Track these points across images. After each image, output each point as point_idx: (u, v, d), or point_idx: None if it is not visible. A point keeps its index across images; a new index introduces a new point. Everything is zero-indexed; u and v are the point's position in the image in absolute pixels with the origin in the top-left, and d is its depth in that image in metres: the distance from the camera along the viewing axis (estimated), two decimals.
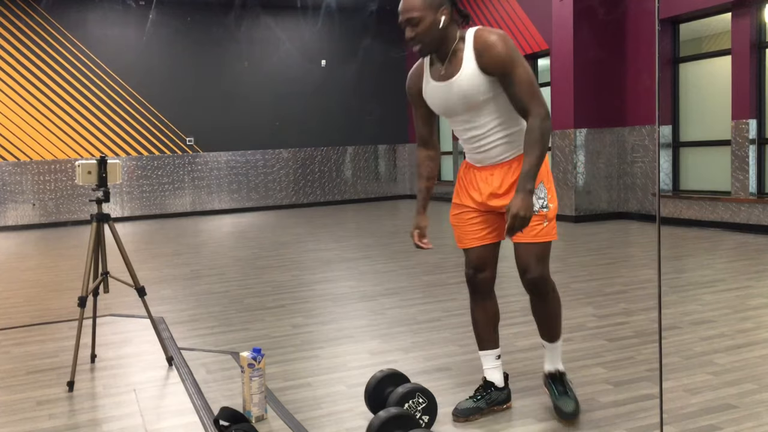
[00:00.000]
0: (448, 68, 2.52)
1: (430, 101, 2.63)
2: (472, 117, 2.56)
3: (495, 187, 2.63)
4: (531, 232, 2.57)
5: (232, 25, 12.79)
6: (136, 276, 3.50)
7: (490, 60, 2.44)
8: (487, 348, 2.81)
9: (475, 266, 2.75)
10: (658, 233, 2.01)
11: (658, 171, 1.92)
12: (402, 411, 2.40)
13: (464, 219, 2.74)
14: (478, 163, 2.69)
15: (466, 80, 2.48)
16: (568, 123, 9.07)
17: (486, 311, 2.81)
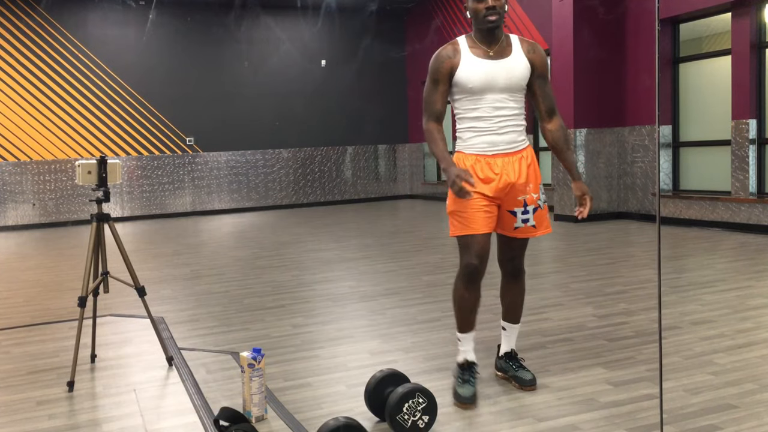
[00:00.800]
0: (499, 51, 2.84)
1: (467, 74, 2.81)
2: (508, 96, 2.84)
3: (514, 177, 2.85)
4: (543, 223, 2.95)
5: (232, 25, 12.80)
6: (136, 276, 3.50)
7: (539, 58, 2.89)
8: (470, 330, 3.00)
9: (480, 255, 2.89)
10: (658, 233, 2.01)
11: (658, 171, 1.92)
12: (350, 421, 2.39)
13: (476, 205, 2.84)
14: (490, 149, 2.85)
15: (517, 63, 2.85)
16: (568, 123, 9.07)
17: (476, 298, 2.97)
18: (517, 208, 2.90)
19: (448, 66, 2.83)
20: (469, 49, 2.84)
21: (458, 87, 2.85)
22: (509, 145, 2.86)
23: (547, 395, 2.90)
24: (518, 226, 2.94)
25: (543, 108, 2.94)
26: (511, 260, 3.00)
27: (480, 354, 3.51)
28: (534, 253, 6.86)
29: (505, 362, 3.06)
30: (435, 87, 2.87)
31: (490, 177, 2.84)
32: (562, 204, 9.25)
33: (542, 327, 3.97)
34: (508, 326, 3.10)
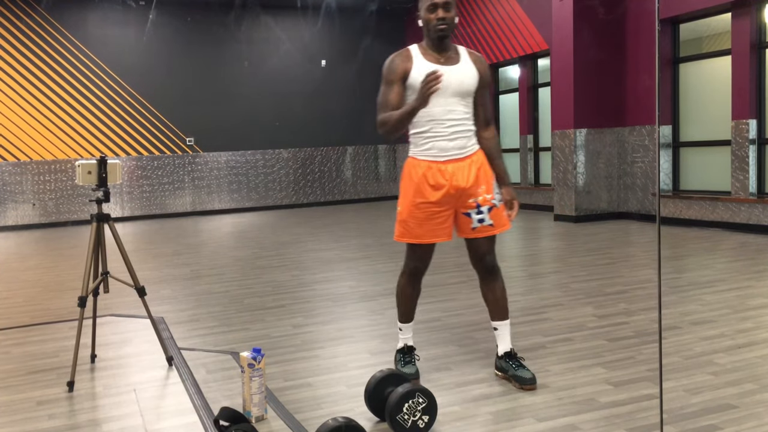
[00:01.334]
0: (449, 58, 3.01)
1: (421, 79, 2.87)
2: (458, 101, 3.00)
3: (464, 182, 3.00)
4: (501, 221, 3.10)
5: (232, 25, 12.79)
6: (136, 276, 3.50)
7: (485, 69, 3.10)
8: (410, 320, 3.27)
9: (423, 260, 3.14)
10: (658, 233, 2.01)
11: (658, 171, 1.92)
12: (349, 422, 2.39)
13: (428, 214, 3.02)
14: (441, 155, 3.00)
15: (467, 70, 3.02)
16: (568, 123, 9.07)
17: (417, 292, 3.25)
18: (470, 210, 3.05)
19: (402, 69, 2.99)
20: (421, 56, 3.02)
21: (412, 90, 2.97)
22: (459, 151, 3.02)
23: (547, 395, 2.90)
24: (475, 227, 3.07)
25: (482, 117, 3.14)
26: (482, 260, 3.13)
27: (480, 354, 3.51)
28: (534, 253, 6.86)
29: (505, 362, 3.11)
30: (390, 88, 3.01)
31: (440, 183, 3.00)
32: (562, 204, 9.25)
33: (542, 327, 3.97)
34: (498, 325, 3.18)
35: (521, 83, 11.09)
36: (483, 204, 3.03)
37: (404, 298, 3.22)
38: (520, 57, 10.91)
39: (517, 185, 11.29)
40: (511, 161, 11.75)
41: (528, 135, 11.03)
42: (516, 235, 8.44)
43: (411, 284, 3.20)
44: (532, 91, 10.99)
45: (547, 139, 10.63)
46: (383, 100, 3.02)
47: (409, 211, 3.02)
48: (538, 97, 10.96)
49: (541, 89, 10.82)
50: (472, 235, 3.08)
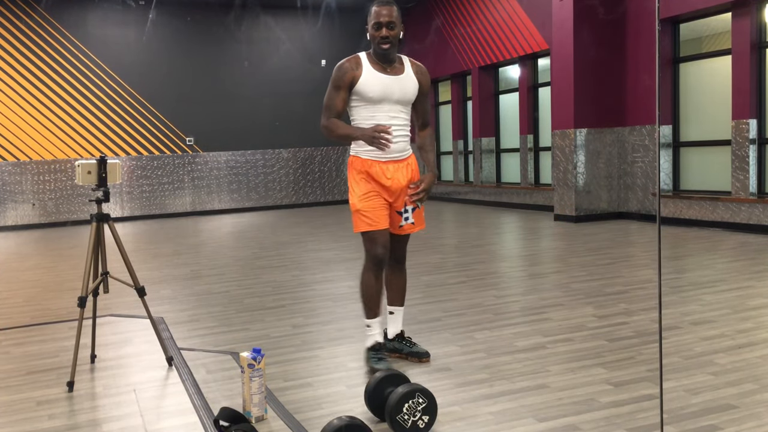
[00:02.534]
0: (394, 69, 3.31)
1: (367, 85, 3.24)
2: (401, 108, 3.31)
3: (403, 181, 3.31)
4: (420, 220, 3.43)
5: (232, 25, 12.79)
6: (136, 276, 3.50)
7: (426, 79, 3.42)
8: (377, 316, 3.36)
9: (384, 245, 3.31)
10: (659, 233, 2.01)
11: (658, 171, 1.92)
12: (354, 421, 2.39)
13: (379, 204, 3.29)
14: (384, 155, 3.26)
15: (409, 80, 3.33)
16: (568, 123, 9.07)
17: (381, 285, 3.38)
18: (401, 209, 3.37)
19: (350, 76, 3.26)
20: (369, 64, 3.29)
21: (358, 96, 3.27)
22: (399, 153, 3.31)
23: (547, 395, 2.89)
24: (402, 225, 3.39)
25: (420, 121, 3.52)
26: (398, 251, 3.46)
27: (480, 354, 3.51)
28: (534, 253, 6.86)
29: (399, 342, 3.46)
30: (337, 92, 3.28)
31: (385, 180, 3.28)
32: (562, 204, 9.25)
33: (542, 327, 3.97)
34: (396, 309, 3.51)
35: (521, 83, 11.09)
36: (409, 205, 3.38)
37: (371, 293, 3.34)
38: (520, 57, 10.91)
39: (517, 185, 11.30)
40: (511, 161, 11.75)
41: (528, 135, 11.02)
42: (516, 235, 8.44)
43: (376, 277, 3.34)
44: (532, 90, 10.98)
45: (547, 139, 10.63)
46: (329, 103, 3.29)
47: (364, 201, 3.28)
48: (538, 97, 10.96)
49: (542, 89, 10.82)
50: (398, 231, 3.40)
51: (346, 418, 2.40)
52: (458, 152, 13.06)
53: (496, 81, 12.02)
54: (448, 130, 13.64)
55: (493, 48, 11.46)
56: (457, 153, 13.08)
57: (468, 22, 12.09)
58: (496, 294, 4.91)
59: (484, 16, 11.64)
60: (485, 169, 12.13)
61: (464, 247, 7.31)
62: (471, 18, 11.99)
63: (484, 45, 11.69)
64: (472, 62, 12.06)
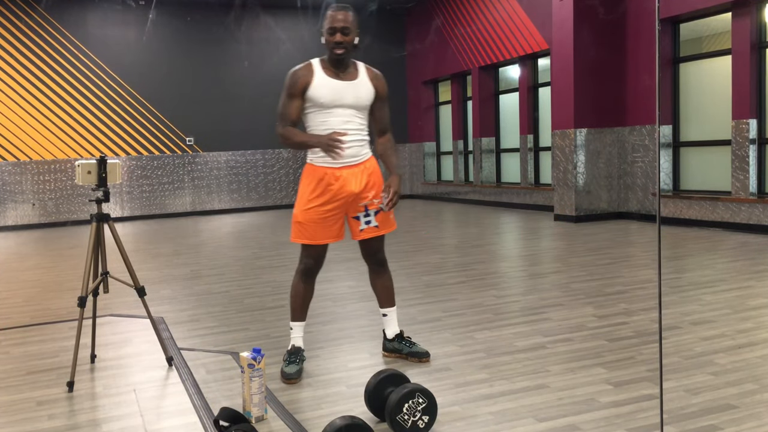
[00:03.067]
0: (348, 74, 3.27)
1: (319, 91, 3.21)
2: (355, 113, 3.27)
3: (356, 187, 3.26)
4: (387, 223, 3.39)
5: (232, 25, 12.79)
6: (136, 276, 3.50)
7: (381, 85, 3.37)
8: (302, 320, 3.44)
9: (317, 259, 3.37)
10: (659, 233, 2.01)
11: (658, 171, 1.92)
12: (356, 420, 2.39)
13: (322, 217, 3.28)
14: (336, 162, 3.21)
15: (363, 85, 3.30)
16: (568, 123, 9.07)
17: (311, 290, 3.44)
18: (359, 213, 3.33)
19: (303, 83, 3.22)
20: (322, 70, 3.26)
21: (311, 102, 3.23)
22: (353, 158, 3.26)
23: (547, 395, 2.89)
24: (362, 229, 3.37)
25: (378, 127, 3.44)
26: (373, 255, 3.45)
27: (480, 354, 3.51)
28: (534, 253, 6.86)
29: (398, 343, 3.45)
30: (290, 100, 3.27)
31: (335, 189, 3.25)
32: (562, 204, 9.25)
33: (542, 327, 3.97)
34: (388, 311, 3.49)
35: (521, 83, 11.09)
36: (371, 207, 3.32)
37: (297, 296, 3.39)
38: (520, 57, 10.91)
39: (517, 185, 11.30)
40: (511, 161, 11.75)
41: (528, 135, 11.02)
42: (516, 235, 8.44)
43: (304, 282, 3.39)
44: (533, 90, 10.99)
45: (547, 139, 10.63)
46: (284, 111, 3.28)
47: (305, 214, 3.27)
48: (538, 97, 10.96)
49: (542, 89, 10.82)
50: (359, 236, 3.38)
51: (348, 417, 2.40)
52: (458, 152, 13.06)
53: (496, 81, 12.02)
54: (448, 130, 13.64)
55: (493, 48, 11.46)
56: (457, 153, 13.07)
57: (468, 22, 12.09)
58: (496, 294, 4.91)
59: (484, 16, 11.64)
60: (485, 169, 12.13)
61: (464, 247, 7.30)
62: (471, 18, 11.99)
63: (484, 45, 11.69)
64: (472, 62, 12.06)
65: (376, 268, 3.49)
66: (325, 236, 3.31)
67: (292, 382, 3.18)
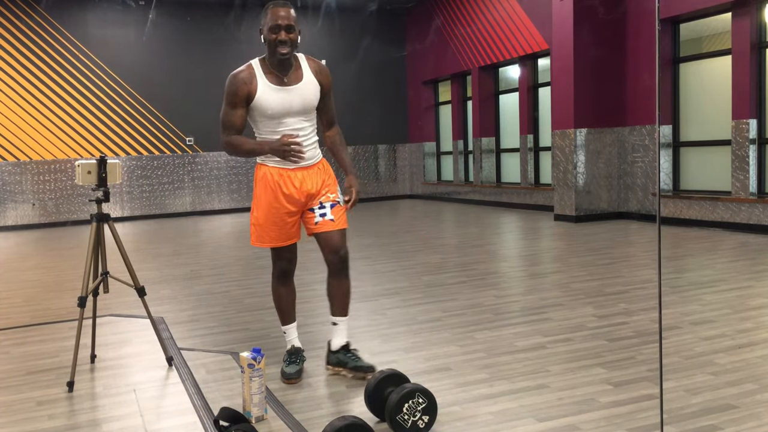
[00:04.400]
0: (291, 77, 3.09)
1: (265, 102, 3.04)
2: (303, 118, 3.14)
3: (313, 188, 3.17)
4: (342, 219, 3.23)
5: (232, 25, 12.79)
6: (136, 276, 3.50)
7: (326, 78, 3.21)
8: (292, 322, 3.37)
9: (290, 259, 3.29)
10: (659, 233, 2.01)
11: (658, 171, 1.92)
12: (356, 420, 2.39)
13: (283, 220, 3.18)
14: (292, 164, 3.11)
15: (309, 87, 3.12)
16: (568, 123, 9.07)
17: (292, 291, 3.36)
18: (314, 206, 3.21)
19: (245, 91, 3.03)
20: (264, 76, 3.06)
21: (257, 112, 3.08)
22: (307, 161, 3.16)
23: (547, 395, 2.89)
24: (318, 221, 3.19)
25: (325, 121, 3.32)
26: (336, 252, 3.19)
27: (480, 354, 3.50)
28: (534, 253, 6.86)
29: (343, 355, 3.24)
30: (233, 110, 3.07)
31: (292, 190, 3.15)
32: (562, 204, 9.25)
33: (542, 327, 3.97)
34: (339, 320, 3.27)
35: (521, 83, 11.09)
36: (326, 201, 3.20)
37: (281, 300, 3.33)
38: (520, 57, 10.91)
39: (517, 185, 11.30)
40: (511, 161, 11.75)
41: (528, 135, 11.02)
42: (516, 235, 8.44)
43: (283, 284, 3.32)
44: (532, 90, 10.99)
45: (547, 139, 10.63)
46: (227, 120, 3.08)
47: (266, 216, 3.16)
48: (538, 97, 10.96)
49: (542, 89, 10.82)
50: (316, 229, 3.19)
51: (348, 417, 2.40)
52: (458, 152, 13.06)
53: (496, 81, 12.02)
54: (448, 130, 13.64)
55: (493, 48, 11.46)
56: (457, 153, 13.07)
57: (468, 22, 12.09)
58: (496, 294, 4.91)
59: (484, 16, 11.64)
60: (485, 169, 12.13)
61: (464, 247, 7.30)
62: (471, 18, 11.99)
63: (484, 45, 11.69)
64: (472, 62, 12.06)
65: (338, 267, 3.20)
66: (286, 237, 3.22)
67: (292, 382, 3.16)
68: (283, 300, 3.34)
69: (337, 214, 3.21)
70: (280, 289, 3.34)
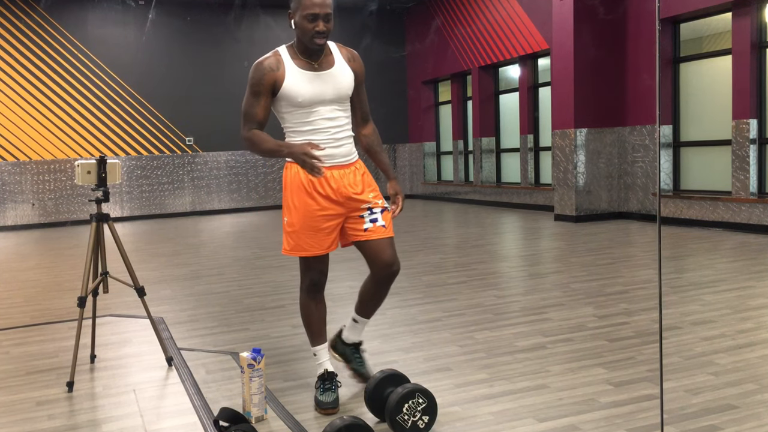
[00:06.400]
0: (323, 63, 2.81)
1: (295, 88, 2.76)
2: (338, 107, 2.84)
3: (352, 189, 2.84)
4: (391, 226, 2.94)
5: (232, 25, 12.79)
6: (136, 276, 3.50)
7: (359, 66, 2.94)
8: (323, 342, 2.98)
9: (321, 271, 2.93)
10: (659, 233, 2.01)
11: (658, 171, 1.92)
12: (356, 420, 2.39)
13: (320, 225, 2.83)
14: (328, 161, 2.78)
15: (342, 73, 2.84)
16: (568, 123, 9.07)
17: (323, 307, 2.99)
18: (363, 212, 2.88)
19: (271, 78, 2.78)
20: (292, 61, 2.80)
21: (286, 101, 2.80)
22: (345, 158, 2.87)
23: (547, 395, 2.89)
24: (368, 227, 2.87)
25: (359, 114, 3.02)
26: (389, 267, 2.87)
27: (480, 354, 3.50)
28: (534, 253, 6.86)
29: (352, 353, 3.12)
30: (257, 99, 2.82)
31: (328, 191, 2.82)
32: (562, 204, 9.25)
33: (542, 327, 3.96)
34: (360, 320, 3.07)
35: (521, 83, 11.09)
36: (375, 207, 2.90)
37: (309, 316, 2.95)
38: (521, 57, 10.91)
39: (517, 185, 11.30)
40: (511, 161, 11.75)
41: (528, 135, 11.02)
42: (516, 235, 8.44)
43: (314, 300, 2.95)
44: (533, 90, 10.98)
45: (548, 139, 10.63)
46: (249, 111, 2.85)
47: (302, 221, 2.81)
48: (538, 97, 10.96)
49: (542, 89, 10.82)
50: (365, 236, 2.86)
51: (348, 417, 2.39)
52: (458, 152, 13.06)
53: (496, 81, 12.02)
54: (448, 130, 13.63)
55: (493, 48, 11.46)
56: (457, 153, 13.07)
57: (468, 22, 12.08)
58: (497, 294, 4.91)
59: (484, 16, 11.63)
60: (485, 169, 12.13)
61: (464, 247, 7.30)
62: (471, 18, 11.98)
63: (484, 45, 11.69)
64: (472, 62, 12.06)
65: (383, 282, 2.91)
66: (324, 245, 2.85)
67: (330, 412, 2.80)
68: (313, 316, 2.95)
69: (387, 221, 2.91)
70: (310, 305, 2.95)
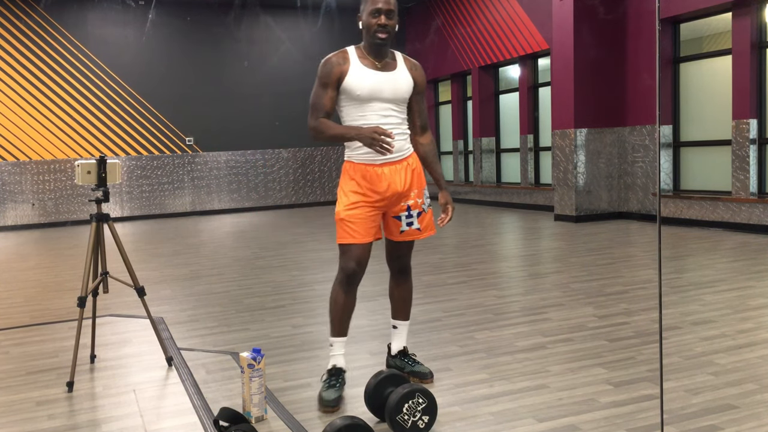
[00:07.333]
0: (386, 65, 3.01)
1: (355, 82, 2.94)
2: (393, 107, 3.00)
3: (400, 186, 3.00)
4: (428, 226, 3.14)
5: (232, 25, 12.79)
6: (136, 276, 3.50)
7: (420, 76, 3.11)
8: (343, 335, 3.06)
9: (359, 261, 2.99)
10: (659, 233, 2.01)
11: (658, 171, 1.92)
12: (356, 420, 2.39)
13: (364, 215, 2.97)
14: (377, 158, 2.96)
15: (402, 77, 3.03)
16: (568, 123, 9.06)
17: (352, 302, 3.05)
18: (401, 213, 3.06)
19: (337, 72, 2.96)
20: (358, 59, 2.99)
21: (346, 94, 2.98)
22: (395, 154, 2.98)
23: (547, 395, 2.89)
24: (403, 230, 3.09)
25: (418, 123, 3.16)
26: (398, 259, 3.18)
27: (480, 354, 3.50)
28: (534, 253, 6.86)
29: (400, 360, 3.20)
30: (324, 91, 3.01)
31: (378, 186, 2.97)
32: (562, 204, 9.25)
33: (542, 327, 3.96)
34: (399, 324, 3.22)
35: (521, 83, 11.09)
36: (414, 208, 3.06)
37: (338, 307, 3.01)
38: (521, 57, 10.90)
39: (517, 185, 11.29)
40: (511, 161, 11.75)
41: (528, 135, 11.02)
42: (516, 235, 8.44)
43: (346, 292, 3.01)
44: (533, 90, 10.98)
45: (548, 139, 10.63)
46: (316, 102, 3.03)
47: (347, 210, 2.96)
48: (538, 97, 10.96)
49: (542, 89, 10.82)
50: (399, 238, 3.10)
51: (348, 417, 2.40)
52: (458, 152, 13.06)
53: (496, 81, 12.02)
54: (448, 130, 13.63)
55: (493, 48, 11.46)
56: (457, 153, 13.07)
57: (468, 22, 12.08)
58: (497, 294, 4.91)
59: (484, 16, 11.63)
60: (485, 169, 12.13)
61: (464, 247, 7.30)
62: (471, 18, 11.98)
63: (484, 45, 11.69)
64: (472, 62, 12.06)
65: (397, 276, 3.21)
66: (369, 235, 2.98)
67: (330, 410, 2.84)
68: (340, 308, 3.01)
69: (423, 223, 3.09)
70: (341, 296, 3.00)
